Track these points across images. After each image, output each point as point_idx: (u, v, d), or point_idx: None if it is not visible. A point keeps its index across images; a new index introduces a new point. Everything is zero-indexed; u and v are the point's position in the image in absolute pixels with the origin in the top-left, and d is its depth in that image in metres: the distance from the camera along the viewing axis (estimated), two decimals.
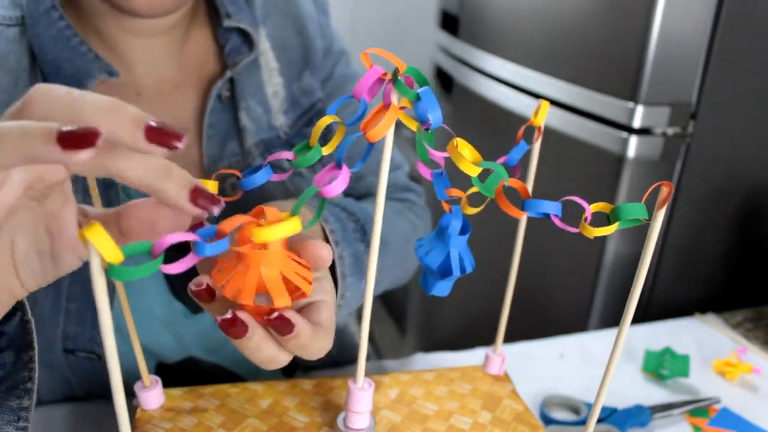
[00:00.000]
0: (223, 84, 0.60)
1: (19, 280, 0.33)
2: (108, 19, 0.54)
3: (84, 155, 0.25)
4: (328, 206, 0.55)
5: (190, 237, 0.30)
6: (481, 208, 0.38)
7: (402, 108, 0.32)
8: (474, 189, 0.37)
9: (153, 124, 0.27)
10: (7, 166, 0.26)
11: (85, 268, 0.27)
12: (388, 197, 0.71)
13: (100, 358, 0.58)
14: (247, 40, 0.61)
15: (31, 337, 0.38)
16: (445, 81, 1.41)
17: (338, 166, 0.34)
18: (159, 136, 0.27)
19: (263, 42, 0.62)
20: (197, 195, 0.29)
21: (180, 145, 0.28)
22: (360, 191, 0.69)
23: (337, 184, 0.33)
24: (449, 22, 1.37)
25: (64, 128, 0.25)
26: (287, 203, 0.49)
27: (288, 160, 0.35)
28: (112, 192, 0.55)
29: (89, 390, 0.60)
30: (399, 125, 0.33)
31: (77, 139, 0.25)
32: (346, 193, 0.69)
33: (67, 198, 0.33)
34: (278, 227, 0.31)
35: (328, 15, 0.70)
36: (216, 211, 0.30)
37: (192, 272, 0.39)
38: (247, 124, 0.60)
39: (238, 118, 0.60)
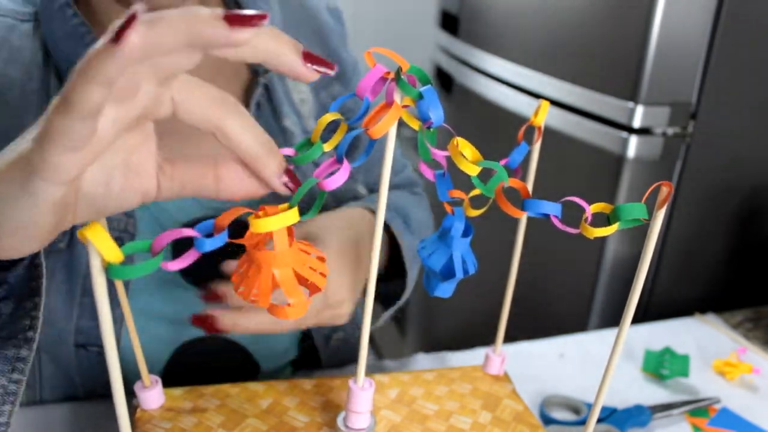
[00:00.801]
0: (261, 90, 0.61)
1: (74, 209, 0.32)
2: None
3: (247, 34, 0.26)
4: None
5: (188, 233, 0.30)
6: (484, 210, 0.38)
7: (404, 107, 0.32)
8: (476, 191, 0.37)
9: (309, 50, 0.29)
10: (172, 49, 0.26)
11: None
12: (408, 192, 0.77)
13: None
14: None
15: (39, 283, 0.37)
16: (445, 81, 1.41)
17: (339, 161, 0.34)
18: (315, 60, 0.29)
19: None
20: (289, 176, 0.32)
21: (332, 72, 0.30)
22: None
23: (336, 178, 0.33)
24: (449, 22, 1.37)
25: (229, 11, 0.26)
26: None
27: (288, 157, 0.36)
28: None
29: (91, 388, 0.60)
30: (400, 125, 0.33)
31: (243, 18, 0.26)
32: (372, 192, 0.72)
33: (149, 136, 0.32)
34: (275, 218, 0.31)
35: (344, 24, 0.71)
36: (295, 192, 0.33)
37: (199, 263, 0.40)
38: (292, 127, 0.62)
39: (281, 123, 0.62)
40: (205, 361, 0.63)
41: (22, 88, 0.53)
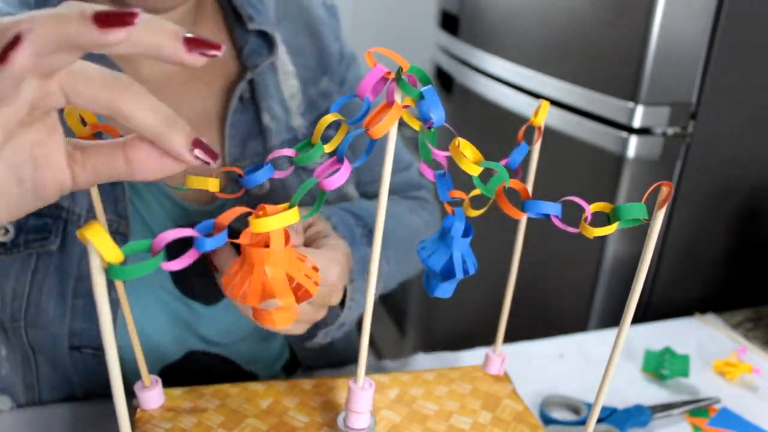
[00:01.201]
0: (245, 85, 0.60)
1: None
2: None
3: (121, 34, 0.25)
4: (337, 212, 0.57)
5: (188, 233, 0.30)
6: (484, 210, 0.38)
7: (405, 107, 0.32)
8: (476, 191, 0.37)
9: (190, 35, 0.27)
10: (41, 52, 0.25)
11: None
12: (402, 195, 0.73)
13: None
14: (267, 42, 0.62)
15: None
16: (445, 81, 1.41)
17: (339, 161, 0.34)
18: (199, 45, 0.27)
19: (279, 45, 0.63)
20: (197, 146, 0.30)
21: (219, 53, 0.28)
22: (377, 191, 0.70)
23: (337, 178, 0.33)
24: (449, 22, 1.37)
25: (99, 8, 0.25)
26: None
27: (289, 157, 0.36)
28: (119, 188, 0.55)
29: (90, 389, 0.60)
30: (401, 125, 0.33)
31: (114, 18, 0.24)
32: (362, 193, 0.70)
33: (54, 127, 0.32)
34: (275, 217, 0.31)
35: (339, 19, 0.70)
36: (213, 164, 0.30)
37: (194, 268, 0.39)
38: (270, 124, 0.61)
39: (260, 119, 0.61)
40: (194, 376, 0.63)
41: None
